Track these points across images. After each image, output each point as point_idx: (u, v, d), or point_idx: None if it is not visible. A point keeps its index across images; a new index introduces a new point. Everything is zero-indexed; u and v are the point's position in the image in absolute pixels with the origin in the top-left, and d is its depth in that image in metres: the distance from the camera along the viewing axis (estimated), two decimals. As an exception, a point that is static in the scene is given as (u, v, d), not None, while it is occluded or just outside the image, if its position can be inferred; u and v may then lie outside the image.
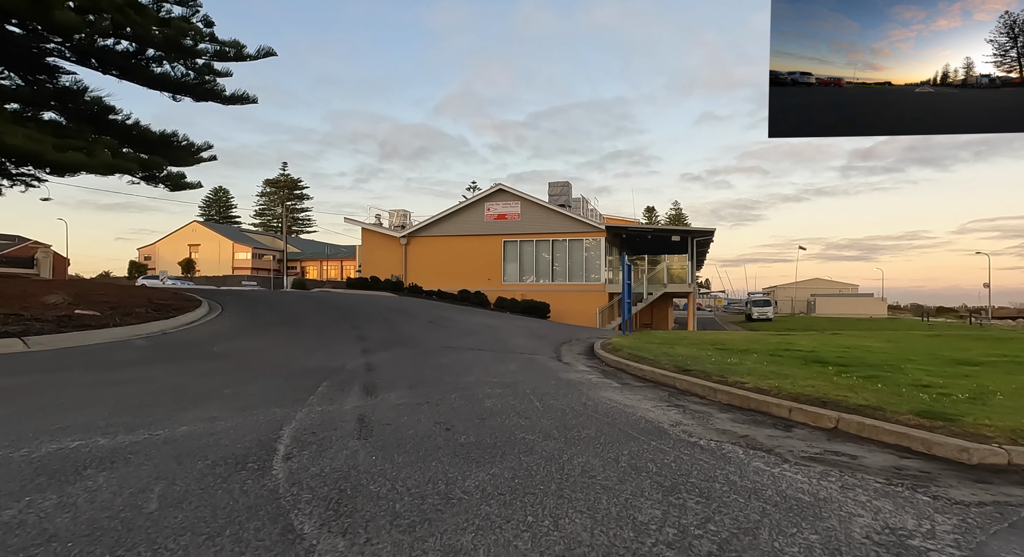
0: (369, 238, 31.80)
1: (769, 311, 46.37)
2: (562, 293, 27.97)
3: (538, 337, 13.98)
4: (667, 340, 12.91)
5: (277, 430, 4.31)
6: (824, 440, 4.57)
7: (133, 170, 13.69)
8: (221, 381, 6.30)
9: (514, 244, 29.33)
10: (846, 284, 69.22)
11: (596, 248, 28.30)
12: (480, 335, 13.10)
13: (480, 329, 14.46)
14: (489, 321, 17.05)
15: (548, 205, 28.91)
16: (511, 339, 12.78)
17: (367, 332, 12.12)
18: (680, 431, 4.72)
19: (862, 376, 6.83)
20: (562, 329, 18.20)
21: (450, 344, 11.08)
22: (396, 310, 17.29)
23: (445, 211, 30.12)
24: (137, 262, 56.18)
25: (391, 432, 4.38)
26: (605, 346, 11.59)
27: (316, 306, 16.86)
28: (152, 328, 10.19)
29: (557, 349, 11.65)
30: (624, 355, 9.73)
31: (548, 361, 9.55)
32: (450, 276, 29.13)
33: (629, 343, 11.78)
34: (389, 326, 13.51)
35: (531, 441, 4.24)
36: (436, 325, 14.50)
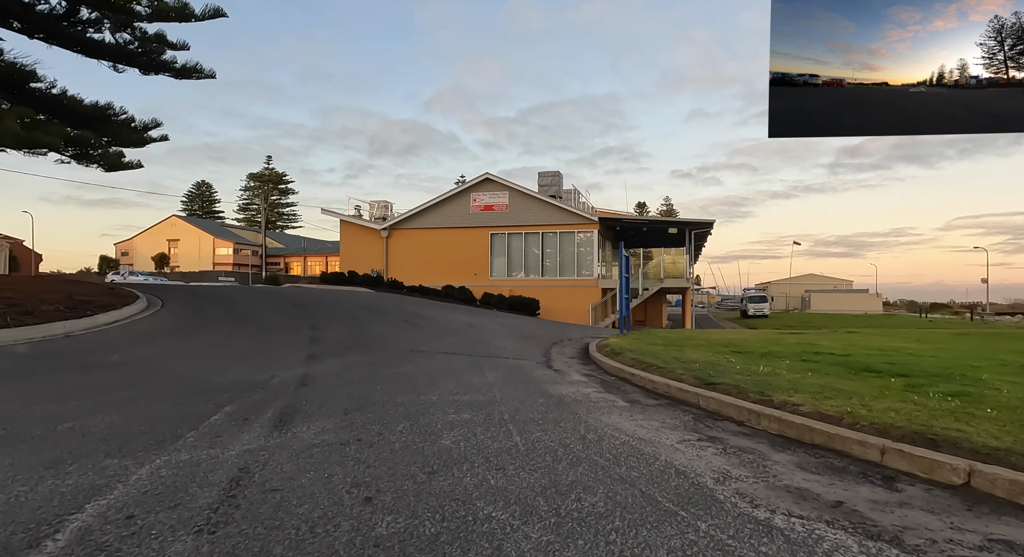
0: (348, 231, 29.94)
1: (765, 307, 44.91)
2: (552, 289, 26.31)
3: (525, 337, 12.29)
4: (672, 341, 11.29)
5: (72, 511, 2.57)
6: (965, 511, 2.90)
7: (56, 146, 11.81)
8: (74, 407, 4.53)
9: (502, 237, 27.61)
10: (840, 280, 68.12)
11: (589, 241, 26.64)
12: (458, 335, 11.39)
13: (460, 328, 12.74)
14: (472, 319, 15.34)
15: (538, 196, 27.20)
16: (494, 340, 11.08)
17: (325, 333, 10.36)
18: (734, 494, 3.04)
19: (944, 393, 5.19)
20: (552, 328, 16.52)
21: (421, 347, 9.36)
22: (368, 307, 15.52)
23: (428, 202, 28.32)
24: (108, 257, 53.74)
25: (268, 511, 2.65)
26: (602, 348, 9.92)
27: (276, 303, 15.05)
28: (53, 329, 8.37)
29: (547, 352, 9.96)
30: (627, 360, 8.06)
31: (535, 368, 7.86)
32: (434, 271, 27.38)
33: (630, 344, 10.12)
34: (354, 325, 11.76)
35: (500, 528, 2.54)
36: (410, 324, 12.77)
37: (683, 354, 8.62)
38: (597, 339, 12.33)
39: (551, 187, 28.78)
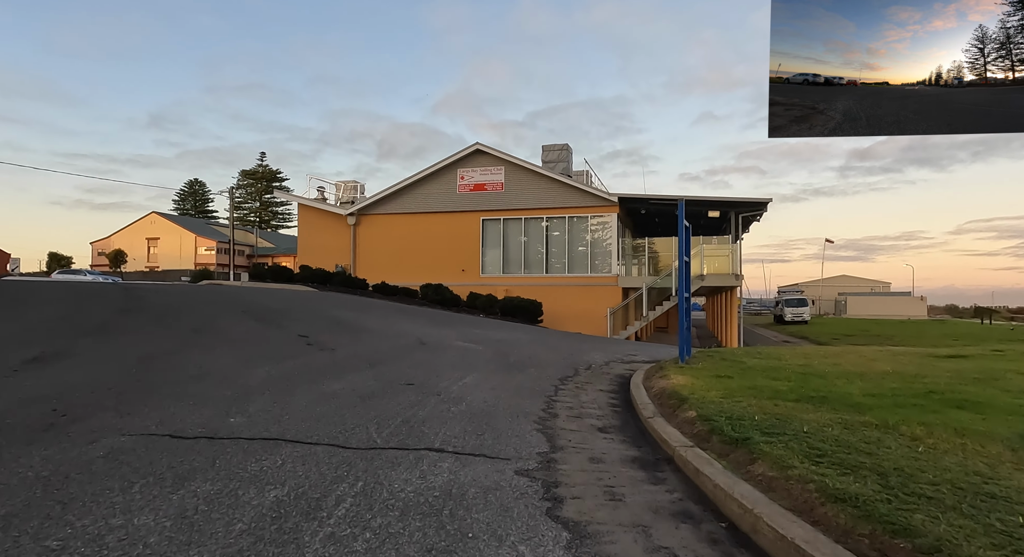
0: (309, 217, 24.50)
1: (805, 312, 38.91)
2: (559, 288, 20.75)
3: (512, 367, 6.78)
4: (794, 375, 5.78)
5: None
6: None
7: None
8: None
9: (496, 223, 22.08)
10: (876, 282, 61.83)
11: (606, 228, 21.05)
12: (384, 367, 5.89)
13: (399, 351, 7.24)
14: (432, 332, 9.81)
15: (541, 170, 21.65)
16: (447, 377, 5.59)
17: (66, 365, 4.88)
18: None
19: None
20: (559, 342, 10.95)
21: (253, 410, 3.85)
22: (269, 313, 10.00)
23: (405, 180, 22.82)
24: (59, 254, 48.78)
25: None
26: (668, 401, 4.44)
27: (119, 305, 9.53)
28: None
29: (548, 408, 4.55)
30: (777, 467, 2.54)
31: (512, 507, 2.29)
32: (413, 266, 21.89)
33: (722, 394, 4.60)
34: (179, 345, 6.27)
35: None
36: (313, 344, 7.27)
37: (883, 438, 3.08)
38: (634, 367, 6.80)
39: (558, 164, 23.21)
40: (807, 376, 6.13)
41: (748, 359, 8.02)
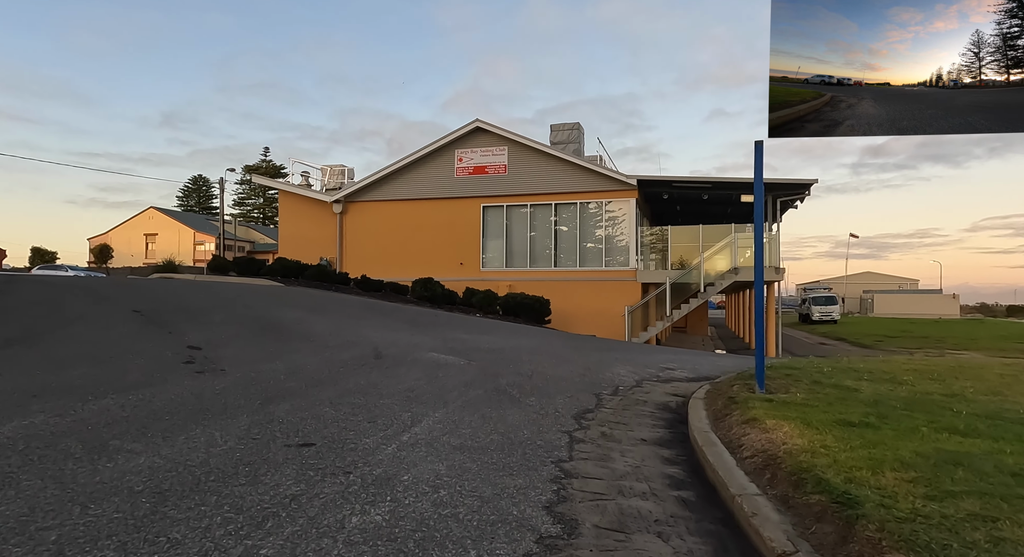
0: (290, 205, 22.16)
1: (834, 311, 36.11)
2: (570, 284, 18.24)
3: (501, 396, 4.30)
4: (992, 430, 3.31)
5: None
6: None
7: None
8: None
9: (499, 211, 19.59)
10: (904, 279, 58.56)
11: (623, 215, 18.48)
12: (268, 413, 3.44)
13: (327, 376, 4.81)
14: (402, 340, 7.35)
15: (549, 150, 19.12)
16: (379, 438, 3.09)
17: None
18: None
19: None
20: (571, 351, 8.43)
21: None
22: (178, 313, 7.55)
23: (397, 163, 20.37)
24: (42, 249, 46.84)
25: None
26: (803, 501, 1.87)
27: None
28: None
29: (557, 500, 1.93)
30: None
31: None
32: (406, 259, 19.47)
33: (896, 470, 2.07)
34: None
35: None
36: (189, 363, 4.84)
37: None
38: (678, 389, 4.33)
39: (569, 145, 20.66)
40: (982, 418, 3.60)
41: (849, 380, 5.47)
